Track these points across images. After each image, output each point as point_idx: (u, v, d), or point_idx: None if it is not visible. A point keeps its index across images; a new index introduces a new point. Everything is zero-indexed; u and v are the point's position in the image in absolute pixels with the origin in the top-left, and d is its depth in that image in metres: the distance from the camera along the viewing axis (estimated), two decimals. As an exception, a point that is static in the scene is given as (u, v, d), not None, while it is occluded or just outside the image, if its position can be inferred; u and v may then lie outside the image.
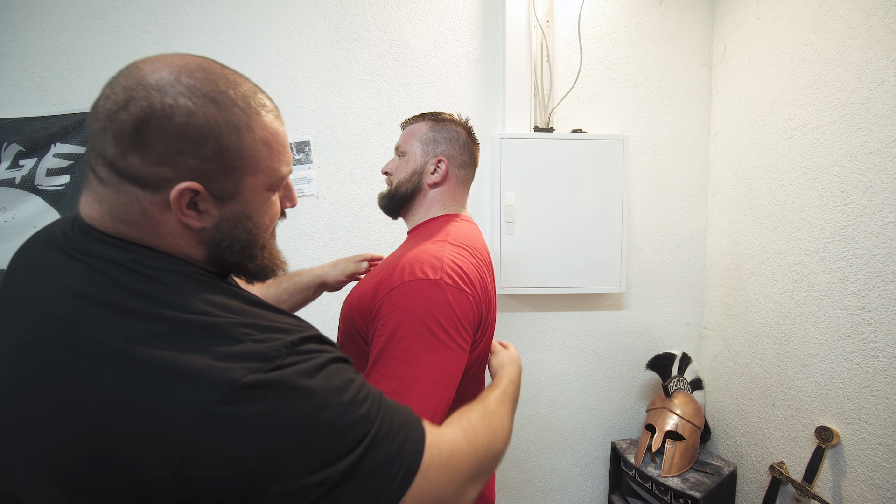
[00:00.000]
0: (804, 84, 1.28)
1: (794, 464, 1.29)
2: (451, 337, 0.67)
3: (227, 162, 0.45)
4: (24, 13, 1.39)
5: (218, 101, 0.43)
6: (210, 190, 0.45)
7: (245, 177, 0.47)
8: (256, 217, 0.50)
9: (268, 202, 0.51)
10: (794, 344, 1.30)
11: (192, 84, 0.42)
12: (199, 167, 0.43)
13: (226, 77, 0.46)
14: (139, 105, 0.41)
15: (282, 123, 0.51)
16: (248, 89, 0.47)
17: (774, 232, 1.37)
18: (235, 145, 0.45)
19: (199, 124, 0.42)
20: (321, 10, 1.50)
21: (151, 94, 0.41)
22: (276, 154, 0.49)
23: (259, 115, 0.47)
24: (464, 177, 0.90)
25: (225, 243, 0.48)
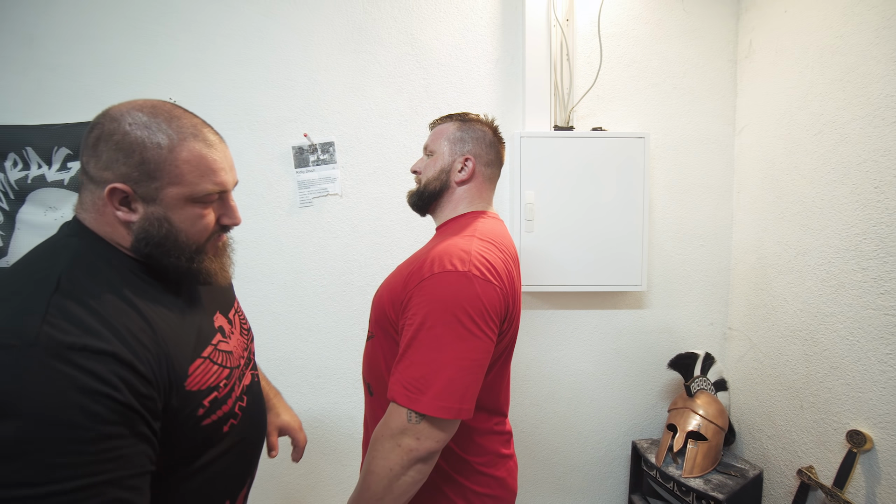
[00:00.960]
0: (835, 77, 1.24)
1: (823, 469, 1.25)
2: (479, 327, 0.70)
3: (148, 171, 0.58)
4: (74, 27, 1.49)
5: (150, 127, 0.58)
6: (136, 191, 0.58)
7: (166, 186, 0.59)
8: (176, 222, 0.61)
9: (193, 213, 0.62)
10: (823, 345, 1.26)
11: (136, 115, 0.58)
12: (128, 173, 0.57)
13: (169, 113, 0.60)
14: (98, 129, 0.58)
15: (215, 149, 0.62)
16: (188, 122, 0.61)
17: (803, 230, 1.34)
18: (156, 159, 0.57)
19: (129, 141, 0.57)
20: (345, 15, 1.55)
21: (106, 121, 0.58)
22: (199, 172, 0.60)
23: (187, 140, 0.59)
24: (490, 175, 0.92)
25: (143, 236, 0.60)
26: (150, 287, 0.62)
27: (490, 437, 0.85)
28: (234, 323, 0.77)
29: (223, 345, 0.70)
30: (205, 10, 1.52)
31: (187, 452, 0.63)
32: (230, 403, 0.67)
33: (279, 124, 1.56)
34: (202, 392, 0.62)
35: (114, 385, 0.50)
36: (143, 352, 0.55)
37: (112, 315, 0.54)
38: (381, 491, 0.69)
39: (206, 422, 0.63)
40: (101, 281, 0.57)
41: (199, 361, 0.63)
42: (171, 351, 0.59)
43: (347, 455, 1.63)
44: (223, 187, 0.64)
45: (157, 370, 0.56)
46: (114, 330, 0.53)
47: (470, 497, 0.81)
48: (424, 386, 0.68)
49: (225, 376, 0.67)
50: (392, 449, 0.68)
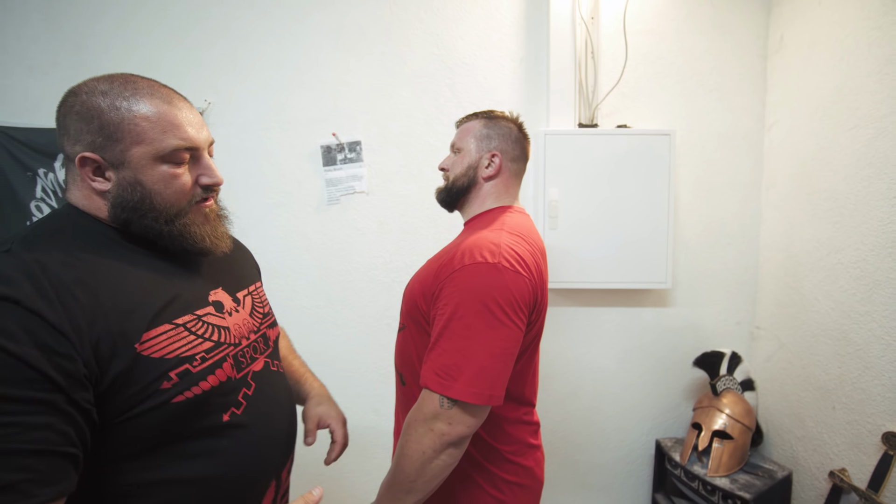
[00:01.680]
0: (871, 70, 1.21)
1: (856, 471, 1.23)
2: (509, 316, 0.72)
3: (109, 133, 0.57)
4: (118, 35, 1.57)
5: (105, 92, 0.57)
6: (105, 158, 0.57)
7: (129, 146, 0.57)
8: (148, 184, 0.59)
9: (164, 173, 0.60)
10: (857, 344, 1.24)
11: (94, 85, 0.58)
12: (93, 140, 0.57)
13: (127, 79, 0.59)
14: (62, 106, 0.59)
15: (176, 106, 0.61)
16: (144, 85, 0.60)
17: (835, 227, 1.31)
18: (115, 120, 0.57)
19: (87, 108, 0.57)
20: (372, 18, 1.59)
21: (68, 97, 0.59)
22: (160, 128, 0.58)
23: (142, 99, 0.58)
24: (516, 170, 0.94)
25: (118, 201, 0.59)
26: (125, 250, 0.60)
27: (519, 427, 0.87)
28: (241, 302, 0.73)
29: (214, 318, 0.64)
30: (240, 16, 1.59)
31: (163, 441, 0.56)
32: (213, 382, 0.60)
33: (308, 124, 1.61)
34: (167, 361, 0.56)
35: (10, 334, 0.44)
36: (68, 301, 0.49)
37: (42, 265, 0.50)
38: (413, 473, 0.72)
39: (178, 399, 0.56)
40: (55, 240, 0.55)
41: (166, 326, 0.57)
42: (117, 307, 0.53)
43: (371, 447, 1.67)
44: (191, 143, 0.61)
45: (84, 324, 0.49)
46: (34, 279, 0.48)
47: (499, 484, 0.84)
48: (456, 373, 0.70)
49: (205, 349, 0.60)
50: (425, 433, 0.71)
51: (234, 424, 0.63)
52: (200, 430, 0.59)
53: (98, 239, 0.59)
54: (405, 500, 0.73)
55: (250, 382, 0.67)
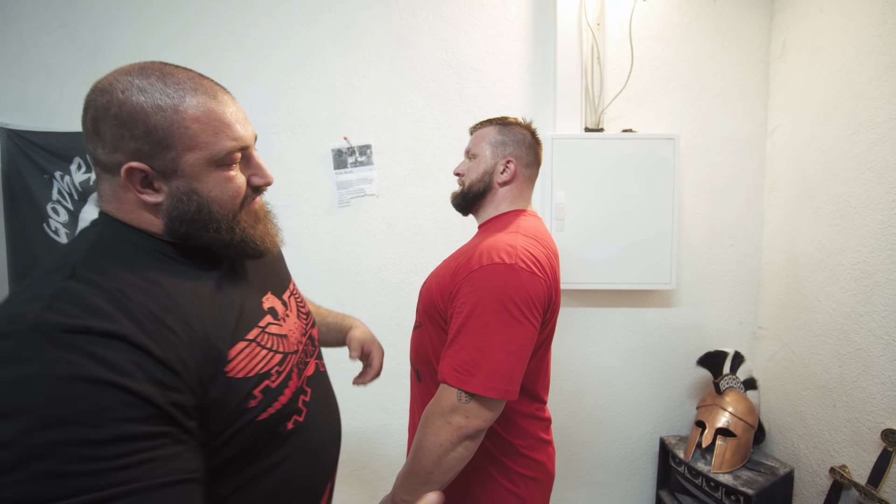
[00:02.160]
0: (872, 77, 1.24)
1: (857, 468, 1.26)
2: (525, 315, 0.75)
3: (157, 140, 0.50)
4: (134, 41, 1.61)
5: (145, 90, 0.50)
6: (154, 168, 0.51)
7: (182, 153, 0.52)
8: (205, 191, 0.54)
9: (219, 178, 0.55)
10: (857, 344, 1.27)
11: (127, 80, 0.50)
12: (138, 148, 0.50)
13: (161, 70, 0.52)
14: (91, 107, 0.51)
15: (222, 102, 0.55)
16: (184, 77, 0.53)
17: (836, 229, 1.34)
18: (162, 124, 0.50)
19: (128, 111, 0.49)
20: (382, 23, 1.62)
21: (97, 96, 0.51)
22: (212, 129, 0.53)
23: (186, 96, 0.51)
24: (530, 175, 0.97)
25: (174, 214, 0.53)
26: (183, 266, 0.56)
27: (532, 422, 0.90)
28: (289, 305, 0.70)
29: (274, 327, 0.62)
30: (252, 22, 1.62)
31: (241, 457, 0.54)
32: (288, 395, 0.60)
33: (319, 128, 1.65)
34: (250, 380, 0.54)
35: (126, 372, 0.42)
36: (166, 334, 0.47)
37: (127, 295, 0.47)
38: (430, 465, 0.75)
39: (262, 416, 0.55)
40: (119, 262, 0.50)
41: (242, 344, 0.55)
42: (207, 332, 0.51)
43: (381, 445, 1.70)
44: (243, 142, 0.57)
45: (187, 355, 0.48)
46: (127, 311, 0.45)
47: (513, 477, 0.87)
48: (474, 368, 0.73)
49: (277, 362, 0.59)
50: (443, 426, 0.74)
51: (296, 430, 0.61)
52: (271, 440, 0.58)
53: (156, 258, 0.54)
54: (421, 491, 0.76)
55: (306, 389, 0.66)
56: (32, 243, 1.72)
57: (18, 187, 1.70)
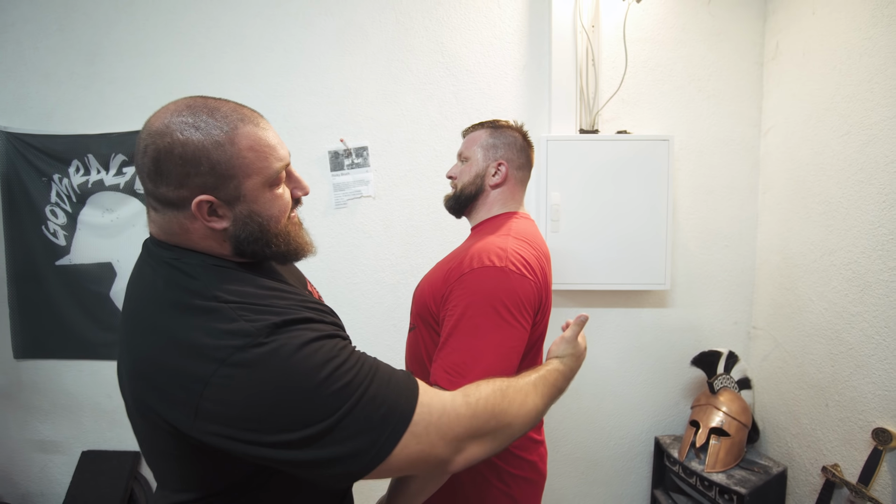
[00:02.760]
0: (862, 79, 1.25)
1: (848, 466, 1.27)
2: (515, 317, 0.76)
3: (221, 173, 0.56)
4: (131, 44, 1.62)
5: (200, 128, 0.55)
6: (219, 197, 0.57)
7: (242, 181, 0.57)
8: (265, 211, 0.60)
9: (273, 197, 0.61)
10: (849, 344, 1.28)
11: (181, 121, 0.55)
12: (204, 182, 0.55)
13: (207, 106, 0.57)
14: (151, 149, 0.55)
15: (264, 128, 0.61)
16: (228, 109, 0.58)
17: (828, 230, 1.35)
18: (224, 158, 0.56)
19: (191, 150, 0.54)
20: (378, 25, 1.63)
21: (156, 139, 0.55)
22: (263, 155, 0.59)
23: (237, 128, 0.57)
24: (521, 177, 0.98)
25: (242, 236, 0.59)
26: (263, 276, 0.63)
27: (524, 423, 0.91)
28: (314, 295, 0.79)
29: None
30: (248, 24, 1.63)
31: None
32: None
33: (316, 130, 1.66)
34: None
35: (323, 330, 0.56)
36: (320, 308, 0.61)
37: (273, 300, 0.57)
38: None
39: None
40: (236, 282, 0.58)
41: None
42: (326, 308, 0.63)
43: (378, 444, 1.71)
44: (286, 161, 0.63)
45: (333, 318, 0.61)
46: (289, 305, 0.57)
47: (505, 478, 0.88)
48: (465, 370, 0.74)
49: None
50: None
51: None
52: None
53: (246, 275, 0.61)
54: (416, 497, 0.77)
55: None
56: (31, 245, 1.73)
57: (17, 190, 1.71)
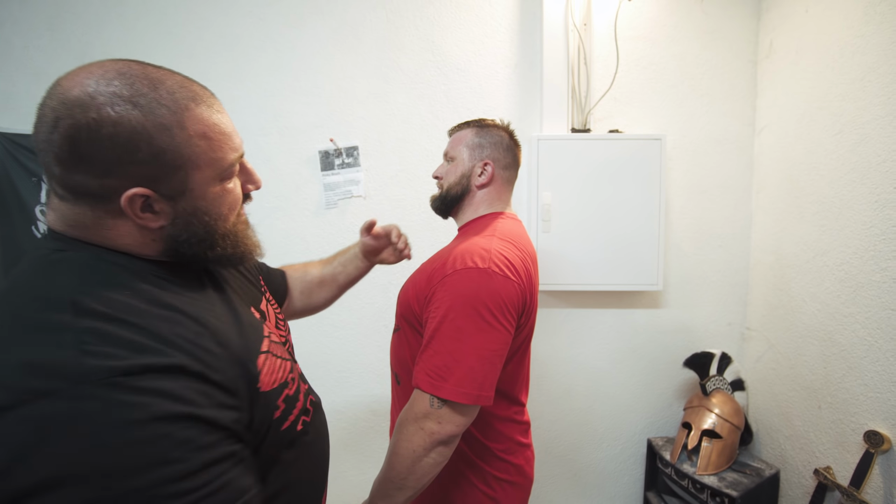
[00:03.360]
0: (855, 77, 1.24)
1: (841, 469, 1.26)
2: (497, 319, 0.75)
3: (166, 163, 0.45)
4: (121, 43, 1.61)
5: (141, 105, 0.43)
6: (159, 191, 0.46)
7: (190, 173, 0.47)
8: (212, 209, 0.50)
9: (223, 192, 0.52)
10: (841, 345, 1.27)
11: (112, 92, 0.42)
12: (141, 172, 0.44)
13: (147, 77, 0.45)
14: (65, 125, 0.41)
15: (218, 110, 0.50)
16: (175, 84, 0.46)
17: (821, 230, 1.34)
18: (170, 145, 0.45)
19: (126, 132, 0.42)
20: (369, 25, 1.62)
21: (74, 111, 0.41)
22: (217, 144, 0.49)
23: (189, 109, 0.46)
24: (508, 177, 0.97)
25: (183, 237, 0.49)
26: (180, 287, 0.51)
27: (509, 426, 0.90)
28: (267, 315, 0.68)
29: (274, 336, 0.61)
30: (239, 24, 1.62)
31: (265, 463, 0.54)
32: (302, 399, 0.60)
33: (306, 129, 1.65)
34: (275, 391, 0.54)
35: (194, 402, 0.42)
36: (210, 359, 0.46)
37: (157, 325, 0.44)
38: (404, 471, 0.75)
39: (285, 426, 0.55)
40: (124, 290, 0.45)
41: (262, 357, 0.54)
42: (236, 350, 0.50)
43: (369, 447, 1.70)
44: (240, 151, 0.53)
45: (234, 374, 0.48)
46: (167, 341, 0.43)
47: (490, 481, 0.87)
48: (447, 373, 0.73)
49: (289, 370, 0.59)
50: (416, 432, 0.74)
51: (305, 432, 0.61)
52: (288, 444, 0.57)
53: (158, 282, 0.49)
54: (396, 497, 0.76)
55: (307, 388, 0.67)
56: (21, 245, 1.72)
57: (7, 190, 1.71)
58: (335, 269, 1.02)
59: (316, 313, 1.05)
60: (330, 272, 1.02)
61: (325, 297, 1.02)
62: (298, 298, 0.98)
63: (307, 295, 0.99)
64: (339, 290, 1.04)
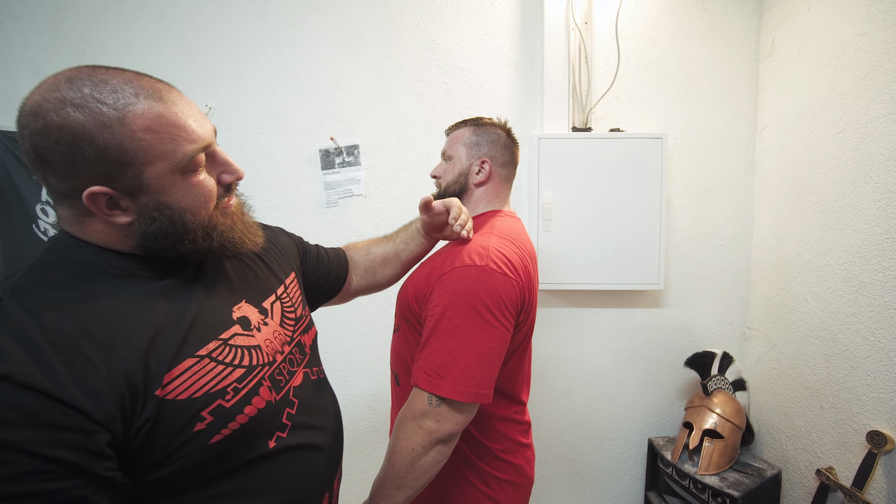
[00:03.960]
0: (857, 76, 1.23)
1: (843, 469, 1.25)
2: (496, 317, 0.75)
3: (112, 160, 0.46)
4: (121, 42, 1.61)
5: (81, 106, 0.44)
6: (117, 188, 0.47)
7: (142, 168, 0.47)
8: (176, 203, 0.50)
9: (188, 185, 0.51)
10: (844, 345, 1.26)
11: (57, 97, 0.44)
12: (93, 171, 0.46)
13: (93, 78, 0.46)
14: (25, 134, 0.45)
15: (169, 102, 0.49)
16: (120, 81, 0.47)
17: (823, 229, 1.33)
18: (113, 143, 0.45)
19: (69, 134, 0.44)
20: (370, 23, 1.62)
21: (29, 121, 0.45)
22: (168, 136, 0.48)
23: (130, 105, 0.46)
24: (506, 175, 0.97)
25: (149, 231, 0.50)
26: (135, 280, 0.51)
27: (509, 425, 0.89)
28: (270, 312, 0.65)
29: (242, 338, 0.57)
30: (238, 21, 1.62)
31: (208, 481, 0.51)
32: (252, 412, 0.55)
33: (307, 128, 1.64)
34: (195, 401, 0.49)
35: (2, 419, 0.37)
36: (78, 363, 0.42)
37: (41, 320, 0.42)
38: (403, 469, 0.74)
39: (216, 439, 0.50)
40: (52, 282, 0.46)
41: (189, 362, 0.50)
42: (136, 351, 0.46)
43: (370, 445, 1.70)
44: (204, 142, 0.52)
45: (102, 386, 0.43)
46: (27, 342, 0.41)
47: (489, 481, 0.86)
48: (445, 372, 0.73)
49: (237, 378, 0.54)
50: (414, 430, 0.74)
51: (282, 449, 0.58)
52: (248, 463, 0.54)
53: (104, 275, 0.50)
54: (396, 496, 0.75)
55: (293, 400, 0.62)
56: (22, 244, 1.72)
57: (7, 188, 1.70)
58: (398, 247, 0.98)
59: (380, 291, 1.03)
60: (393, 249, 0.98)
61: (389, 275, 0.99)
62: (362, 277, 0.97)
63: (371, 273, 0.97)
64: (403, 268, 1.00)
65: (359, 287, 0.98)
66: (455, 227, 0.84)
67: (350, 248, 0.99)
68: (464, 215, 0.85)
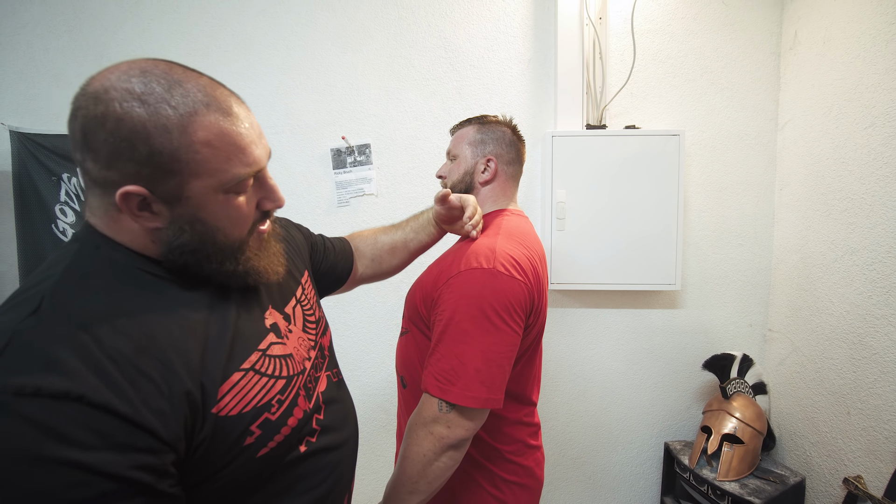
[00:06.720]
0: (888, 67, 1.18)
1: (872, 479, 1.20)
2: (504, 321, 0.73)
3: (161, 165, 0.44)
4: (137, 44, 1.63)
5: (148, 103, 0.43)
6: (155, 193, 0.45)
7: (188, 180, 0.45)
8: (211, 220, 0.48)
9: (227, 205, 0.49)
10: (873, 349, 1.21)
11: (126, 88, 0.43)
12: (138, 171, 0.44)
13: (167, 76, 0.45)
14: (80, 114, 0.43)
15: (236, 119, 0.47)
16: (194, 86, 0.45)
17: (850, 228, 1.28)
18: (168, 148, 0.44)
19: (127, 129, 0.42)
20: (381, 21, 1.61)
21: (88, 103, 0.43)
22: (224, 155, 0.46)
23: (197, 114, 0.44)
24: (512, 173, 0.95)
25: (175, 244, 0.48)
26: (170, 287, 0.50)
27: (518, 428, 0.87)
28: (293, 317, 0.63)
29: (277, 347, 0.56)
30: (251, 22, 1.63)
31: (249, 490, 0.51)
32: (294, 423, 0.55)
33: (318, 127, 1.64)
34: (245, 416, 0.49)
35: (80, 442, 0.37)
36: (140, 383, 0.41)
37: (96, 336, 0.41)
38: (415, 475, 0.73)
39: (263, 451, 0.50)
40: (94, 290, 0.44)
41: (237, 376, 0.49)
42: (192, 369, 0.46)
43: (381, 446, 1.69)
44: (257, 166, 0.50)
45: (165, 404, 0.42)
46: (90, 359, 0.40)
47: (499, 483, 0.85)
48: (454, 377, 0.71)
49: (279, 389, 0.53)
50: (425, 436, 0.73)
51: (311, 453, 0.58)
52: (283, 468, 0.54)
53: (140, 279, 0.48)
54: (409, 501, 0.74)
55: (320, 405, 0.62)
56: (41, 244, 1.76)
57: (28, 189, 1.74)
58: (406, 236, 0.98)
59: (385, 279, 1.03)
60: (401, 238, 0.98)
61: (395, 264, 0.99)
62: (369, 266, 0.96)
63: (378, 262, 0.97)
64: (410, 257, 1.00)
65: (363, 276, 0.97)
66: (467, 227, 0.84)
67: (356, 236, 0.99)
68: (477, 216, 0.85)
